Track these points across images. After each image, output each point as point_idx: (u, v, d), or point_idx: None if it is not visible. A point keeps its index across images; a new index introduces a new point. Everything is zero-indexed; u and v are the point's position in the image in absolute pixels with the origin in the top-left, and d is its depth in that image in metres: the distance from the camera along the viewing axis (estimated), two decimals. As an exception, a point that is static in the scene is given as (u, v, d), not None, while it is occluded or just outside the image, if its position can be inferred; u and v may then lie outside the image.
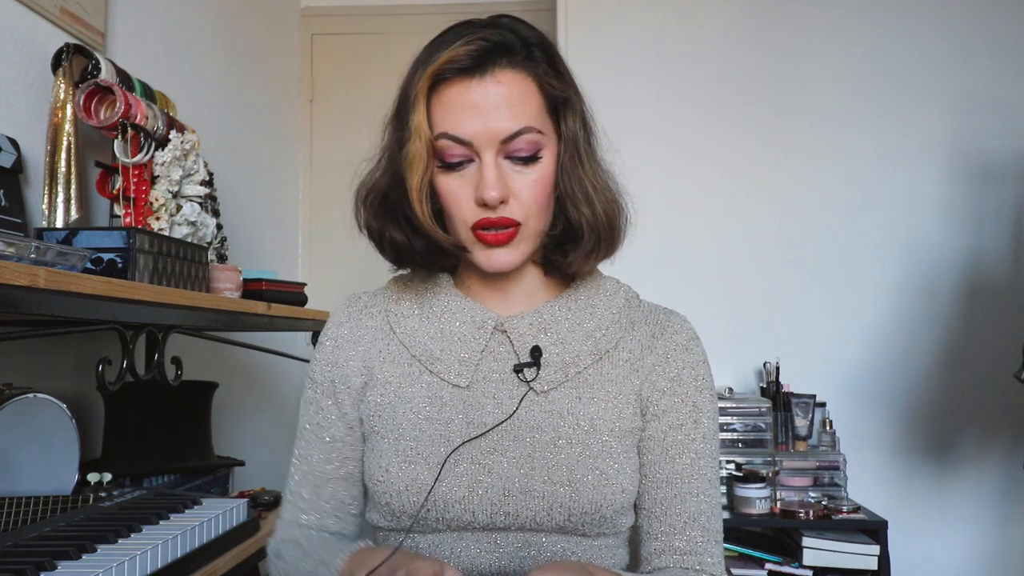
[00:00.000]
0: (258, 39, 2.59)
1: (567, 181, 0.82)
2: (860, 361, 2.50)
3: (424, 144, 0.78)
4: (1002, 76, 2.50)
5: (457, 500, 0.79)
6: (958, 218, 2.50)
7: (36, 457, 1.24)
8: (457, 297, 0.88)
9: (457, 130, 0.78)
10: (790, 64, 2.57)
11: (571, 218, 0.83)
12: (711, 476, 0.85)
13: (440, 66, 0.78)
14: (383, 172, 0.85)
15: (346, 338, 0.90)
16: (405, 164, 0.80)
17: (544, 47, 0.82)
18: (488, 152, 0.78)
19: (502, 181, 0.78)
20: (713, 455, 0.86)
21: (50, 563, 0.91)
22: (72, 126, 1.42)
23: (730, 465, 2.20)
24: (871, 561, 2.06)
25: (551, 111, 0.82)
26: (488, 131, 0.77)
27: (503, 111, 0.77)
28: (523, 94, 0.79)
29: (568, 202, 0.83)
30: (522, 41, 0.80)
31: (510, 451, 0.81)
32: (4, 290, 0.87)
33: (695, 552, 0.82)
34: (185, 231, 1.55)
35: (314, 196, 2.99)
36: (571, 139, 0.83)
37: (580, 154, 0.83)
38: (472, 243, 0.81)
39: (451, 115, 0.78)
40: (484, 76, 0.78)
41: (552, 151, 0.81)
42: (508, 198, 0.79)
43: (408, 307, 0.89)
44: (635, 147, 2.49)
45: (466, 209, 0.80)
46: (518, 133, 0.78)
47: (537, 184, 0.80)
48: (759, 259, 2.55)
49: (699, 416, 0.86)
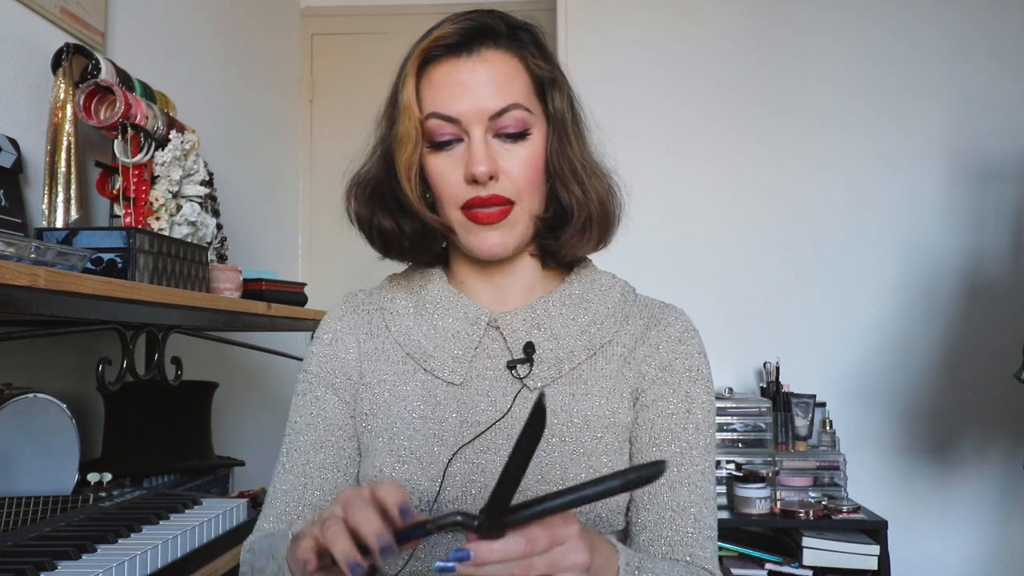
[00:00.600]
0: (258, 39, 2.59)
1: (556, 161, 0.83)
2: (860, 361, 2.50)
3: (413, 123, 0.79)
4: (1002, 76, 2.50)
5: (450, 501, 0.78)
6: (958, 218, 2.50)
7: (36, 457, 1.24)
8: (450, 293, 0.87)
9: (445, 108, 0.79)
10: (790, 64, 2.57)
11: (562, 199, 0.83)
12: (704, 469, 0.83)
13: (430, 43, 0.80)
14: (375, 163, 0.86)
15: (344, 332, 0.89)
16: (395, 143, 0.81)
17: (530, 30, 0.84)
18: (476, 129, 0.78)
19: (491, 158, 0.78)
20: (706, 448, 0.84)
21: (50, 563, 0.91)
22: (72, 126, 1.42)
23: (730, 465, 2.20)
24: (871, 561, 2.06)
25: (538, 92, 0.83)
26: (476, 109, 0.78)
27: (491, 88, 0.78)
28: (510, 73, 0.80)
29: (558, 182, 0.83)
30: (508, 24, 0.82)
31: (503, 450, 0.80)
32: (4, 290, 0.87)
33: (685, 543, 0.80)
34: (185, 231, 1.55)
35: (314, 196, 2.99)
36: (559, 119, 0.83)
37: (568, 134, 0.84)
38: (463, 225, 0.81)
39: (440, 94, 0.79)
40: (472, 55, 0.79)
41: (541, 131, 0.82)
42: (498, 175, 0.79)
43: (403, 305, 0.88)
44: (635, 147, 2.49)
45: (456, 189, 0.80)
46: (505, 109, 0.79)
47: (527, 162, 0.80)
48: (759, 259, 2.55)
49: (691, 406, 0.84)
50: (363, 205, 0.86)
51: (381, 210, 0.85)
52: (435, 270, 0.90)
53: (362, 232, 0.88)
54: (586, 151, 0.86)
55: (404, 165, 0.80)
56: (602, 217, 0.85)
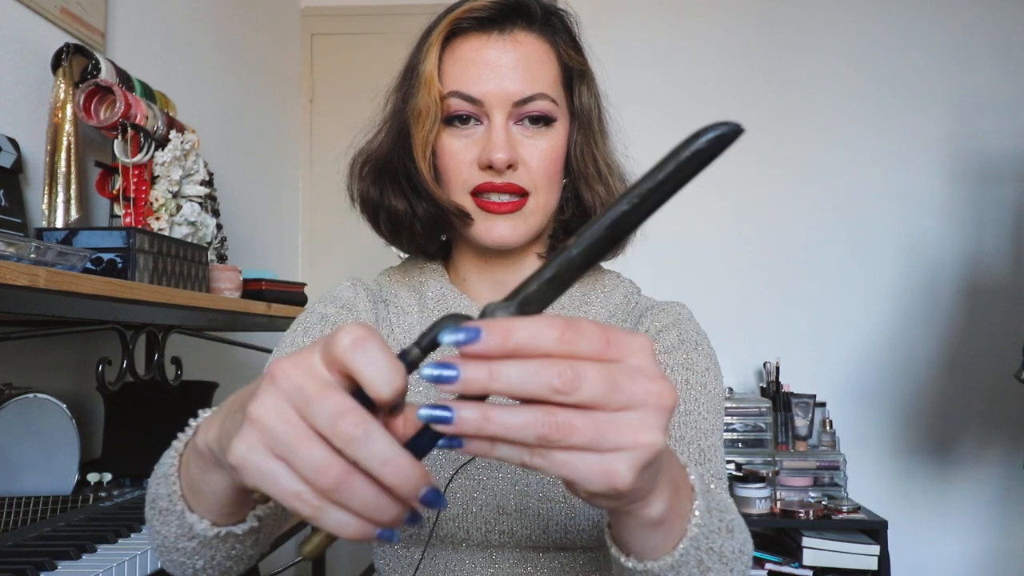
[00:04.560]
0: (258, 39, 2.59)
1: (580, 158, 0.78)
2: (860, 361, 2.50)
3: (434, 97, 0.73)
4: (1002, 76, 2.50)
5: (451, 518, 0.73)
6: (958, 218, 2.50)
7: (36, 457, 1.24)
8: (449, 290, 0.81)
9: (468, 88, 0.73)
10: (790, 64, 2.57)
11: (584, 199, 0.79)
12: (707, 428, 0.72)
13: (461, 13, 0.74)
14: (386, 136, 0.79)
15: (362, 303, 0.81)
16: (412, 117, 0.75)
17: (563, 17, 0.79)
18: (498, 114, 0.73)
19: (511, 145, 0.73)
20: (714, 411, 0.73)
21: (50, 563, 0.91)
22: (72, 126, 1.42)
23: (730, 465, 2.20)
24: (871, 561, 2.06)
25: (566, 83, 0.78)
26: (501, 92, 0.73)
27: (519, 73, 0.73)
28: (540, 59, 0.75)
29: (581, 181, 0.78)
30: (543, 7, 0.77)
31: (504, 465, 0.74)
32: (4, 290, 0.87)
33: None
34: (185, 231, 1.55)
35: (314, 196, 2.99)
36: (585, 115, 0.79)
37: (594, 132, 0.79)
38: (472, 212, 0.75)
39: (465, 72, 0.74)
40: (503, 34, 0.75)
41: (564, 124, 0.77)
42: (517, 164, 0.74)
43: (407, 302, 0.82)
44: (635, 147, 2.49)
45: (467, 172, 0.74)
46: (531, 98, 0.74)
47: (548, 154, 0.75)
48: (759, 259, 2.55)
49: (693, 368, 0.74)
50: (371, 184, 0.79)
51: (393, 190, 0.78)
52: (435, 265, 0.84)
53: (366, 215, 0.81)
54: (610, 152, 0.82)
55: (421, 143, 0.74)
56: None
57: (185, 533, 0.52)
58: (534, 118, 0.75)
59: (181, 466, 0.52)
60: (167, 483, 0.53)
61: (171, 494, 0.52)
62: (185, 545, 0.53)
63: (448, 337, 0.34)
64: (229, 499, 0.48)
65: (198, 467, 0.48)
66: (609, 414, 0.34)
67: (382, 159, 0.79)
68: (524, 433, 0.34)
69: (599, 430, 0.34)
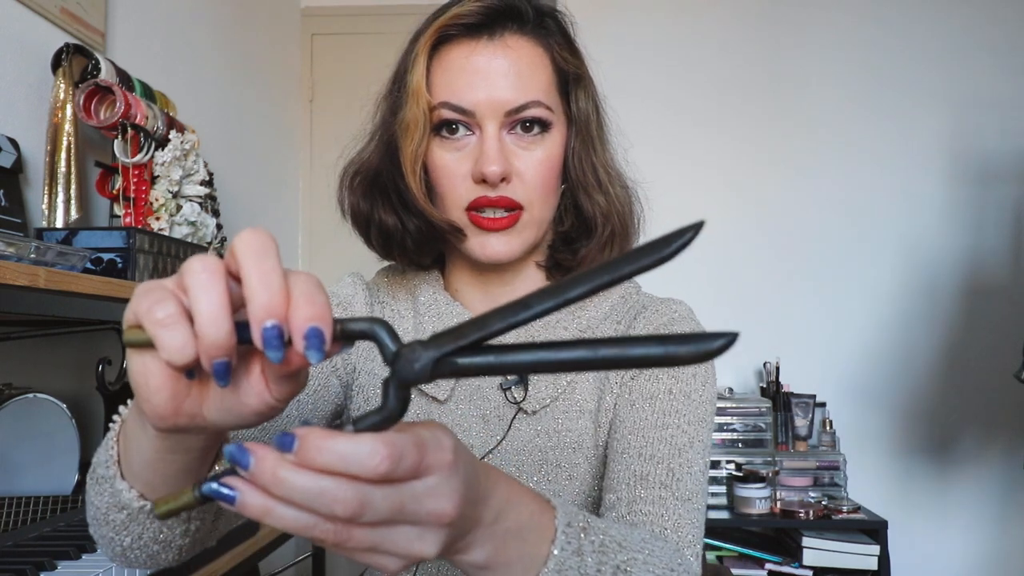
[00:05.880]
0: (258, 39, 2.59)
1: (578, 166, 0.75)
2: (860, 361, 2.50)
3: (422, 109, 0.70)
4: (1002, 76, 2.50)
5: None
6: (958, 218, 2.50)
7: (36, 457, 1.24)
8: (442, 296, 0.78)
9: (458, 98, 0.70)
10: (790, 65, 2.57)
11: (583, 209, 0.75)
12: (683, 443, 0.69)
13: (446, 21, 0.71)
14: (375, 148, 0.76)
15: (357, 300, 0.79)
16: (400, 130, 0.72)
17: (557, 19, 0.76)
18: (491, 124, 0.70)
19: (504, 157, 0.70)
20: (698, 421, 0.71)
21: (50, 563, 0.91)
22: (72, 126, 1.42)
23: (730, 465, 2.20)
24: (871, 561, 2.06)
25: (561, 89, 0.75)
26: (492, 101, 0.69)
27: (510, 80, 0.70)
28: (533, 64, 0.72)
29: (580, 191, 0.75)
30: (535, 9, 0.74)
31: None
32: (4, 290, 0.87)
33: (634, 500, 0.66)
34: (185, 231, 1.55)
35: (314, 196, 2.99)
36: (583, 120, 0.75)
37: (592, 138, 0.76)
38: (466, 227, 0.72)
39: (454, 81, 0.70)
40: (492, 39, 0.71)
41: (561, 132, 0.74)
42: (511, 176, 0.70)
43: (404, 306, 0.80)
44: (634, 147, 2.49)
45: (461, 187, 0.71)
46: (525, 106, 0.70)
47: (543, 164, 0.72)
48: (759, 259, 2.55)
49: (680, 373, 0.71)
50: (362, 197, 0.76)
51: (383, 204, 0.75)
52: (432, 271, 0.82)
53: (357, 228, 0.79)
54: (610, 158, 0.78)
55: (409, 157, 0.71)
56: (624, 229, 0.77)
57: (115, 503, 0.52)
58: (527, 126, 0.71)
59: (121, 431, 0.52)
60: (105, 448, 0.53)
61: (108, 460, 0.52)
62: (115, 517, 0.53)
63: (219, 467, 0.36)
64: (151, 459, 0.47)
65: (131, 425, 0.48)
66: (388, 527, 0.36)
67: (371, 172, 0.76)
68: (305, 532, 0.35)
69: (375, 541, 0.36)
